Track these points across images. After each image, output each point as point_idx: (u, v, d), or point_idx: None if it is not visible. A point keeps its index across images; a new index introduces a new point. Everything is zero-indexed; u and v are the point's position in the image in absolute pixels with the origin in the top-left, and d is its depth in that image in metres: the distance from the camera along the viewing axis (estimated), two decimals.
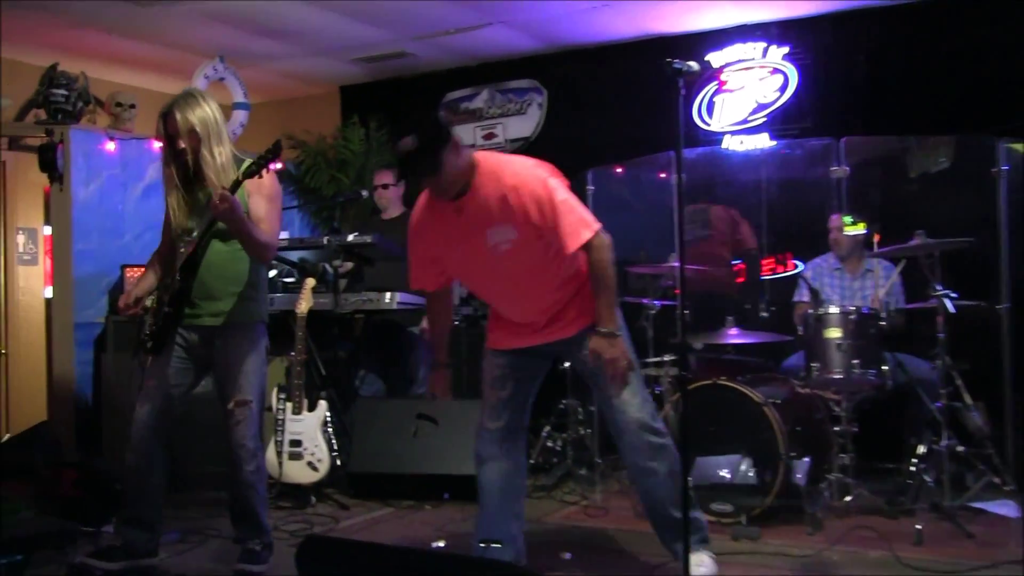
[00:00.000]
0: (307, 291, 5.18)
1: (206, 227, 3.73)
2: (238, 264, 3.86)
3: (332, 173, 7.58)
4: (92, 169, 6.18)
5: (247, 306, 3.87)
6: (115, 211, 6.31)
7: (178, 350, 3.87)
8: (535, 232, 3.33)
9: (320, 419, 5.22)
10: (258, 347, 3.90)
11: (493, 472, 3.63)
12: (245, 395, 3.82)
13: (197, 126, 3.74)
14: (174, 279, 3.81)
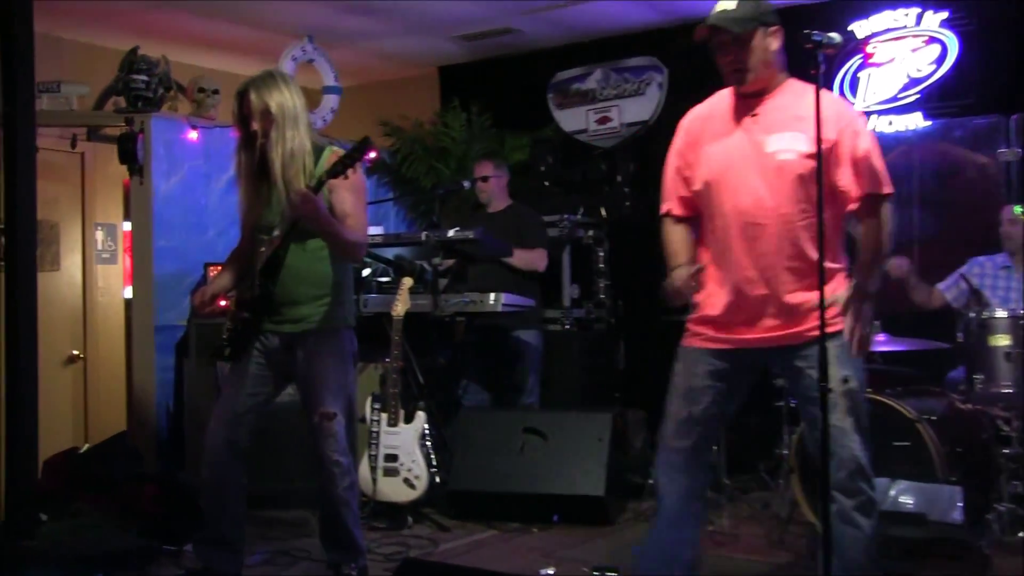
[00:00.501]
0: (404, 292, 5.20)
1: (288, 228, 3.76)
2: (320, 265, 3.89)
3: (430, 162, 7.61)
4: (174, 160, 6.31)
5: (331, 311, 3.90)
6: (198, 205, 6.43)
7: (257, 356, 3.92)
8: (823, 159, 3.12)
9: (418, 432, 5.24)
10: (343, 355, 3.92)
11: (673, 498, 3.41)
12: (329, 408, 3.86)
13: (272, 108, 3.78)
14: (253, 283, 3.85)
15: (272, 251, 3.80)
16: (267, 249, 3.83)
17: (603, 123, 7.24)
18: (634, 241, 6.94)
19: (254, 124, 3.79)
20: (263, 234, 3.90)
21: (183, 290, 6.28)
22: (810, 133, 3.11)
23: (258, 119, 3.79)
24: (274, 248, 3.80)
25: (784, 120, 3.23)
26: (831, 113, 3.16)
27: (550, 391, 6.38)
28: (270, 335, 3.91)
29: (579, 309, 6.58)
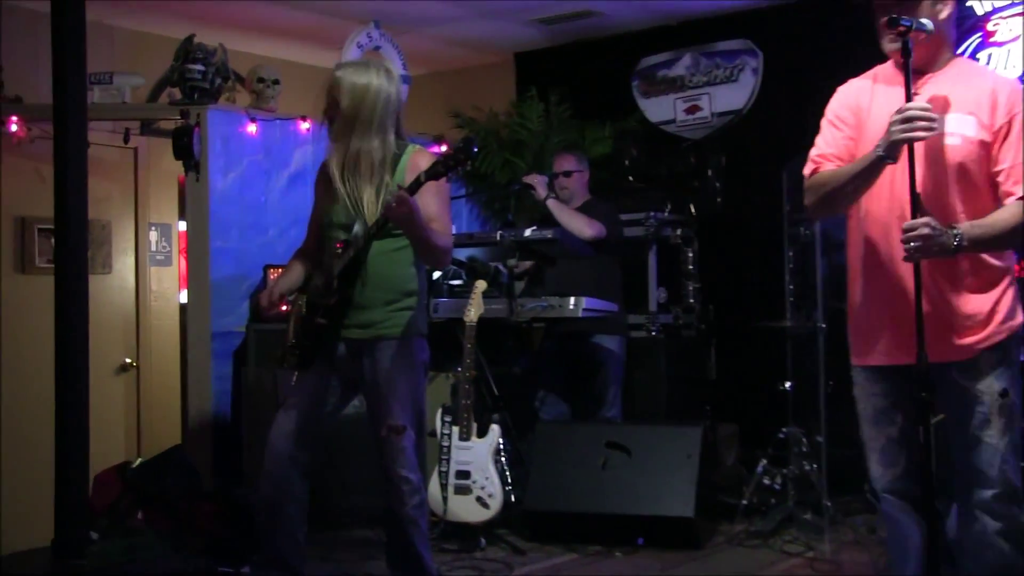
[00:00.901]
0: (477, 296, 5.21)
1: (375, 229, 3.79)
2: (396, 267, 3.92)
3: (506, 156, 7.61)
4: (231, 155, 6.37)
5: (403, 317, 3.92)
6: (257, 203, 6.49)
7: (323, 365, 3.95)
8: (986, 147, 3.09)
9: (492, 447, 5.24)
10: (414, 365, 3.94)
11: (905, 532, 3.24)
12: (398, 420, 3.88)
13: (367, 97, 3.83)
14: (330, 288, 3.88)
15: (354, 253, 3.83)
16: (346, 250, 3.86)
17: (692, 112, 7.19)
18: (726, 240, 6.89)
19: (342, 112, 3.85)
20: (337, 233, 3.94)
21: (241, 294, 6.34)
22: (981, 116, 3.04)
23: (347, 107, 3.84)
24: (356, 250, 3.83)
25: (952, 101, 3.13)
26: (1005, 95, 3.09)
27: (634, 403, 6.35)
28: (336, 341, 3.94)
29: (666, 314, 6.53)
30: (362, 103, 3.84)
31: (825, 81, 6.30)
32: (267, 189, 6.55)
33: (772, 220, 5.92)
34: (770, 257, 6.09)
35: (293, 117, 6.68)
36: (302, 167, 6.65)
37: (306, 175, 6.61)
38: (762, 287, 6.47)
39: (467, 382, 5.19)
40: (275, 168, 6.58)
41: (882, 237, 3.18)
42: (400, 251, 3.90)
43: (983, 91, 3.11)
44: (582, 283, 5.85)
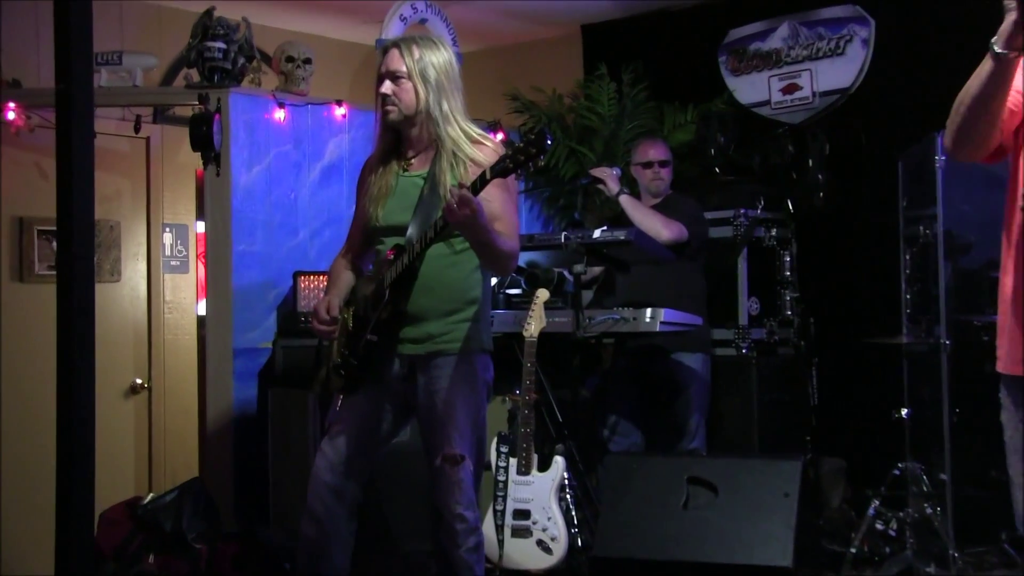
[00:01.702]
0: (538, 307, 5.20)
1: (435, 233, 3.80)
2: (456, 273, 3.94)
3: (571, 145, 7.61)
4: (257, 146, 6.42)
5: (464, 329, 3.94)
6: (286, 201, 6.55)
7: (372, 386, 3.97)
8: None
9: (555, 483, 5.23)
10: (476, 384, 3.95)
11: None
12: (455, 449, 3.88)
13: (430, 71, 3.87)
14: (381, 298, 3.89)
15: (409, 260, 3.84)
16: (399, 257, 3.87)
17: (790, 92, 7.13)
18: (830, 242, 6.84)
19: (396, 88, 3.88)
20: (388, 236, 3.96)
21: (268, 305, 6.40)
22: None
23: (411, 84, 3.88)
24: (411, 257, 3.84)
25: None
26: None
27: (721, 432, 6.32)
28: (389, 358, 3.96)
29: (759, 329, 6.49)
30: (435, 73, 3.88)
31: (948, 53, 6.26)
32: (298, 184, 6.61)
33: (885, 218, 5.88)
34: (883, 261, 6.04)
35: (327, 101, 6.73)
36: (337, 159, 6.69)
37: (341, 168, 6.65)
38: (873, 296, 6.42)
39: (527, 407, 5.18)
40: (307, 160, 6.63)
41: None
42: (461, 254, 3.92)
43: None
44: (660, 292, 5.85)
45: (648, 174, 6.19)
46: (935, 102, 5.91)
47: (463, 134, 3.92)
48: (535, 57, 8.35)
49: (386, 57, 3.93)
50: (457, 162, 3.88)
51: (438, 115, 3.89)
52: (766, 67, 7.25)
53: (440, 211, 3.73)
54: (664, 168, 6.20)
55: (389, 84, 3.89)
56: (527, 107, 7.81)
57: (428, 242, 3.80)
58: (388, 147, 4.03)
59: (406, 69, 3.87)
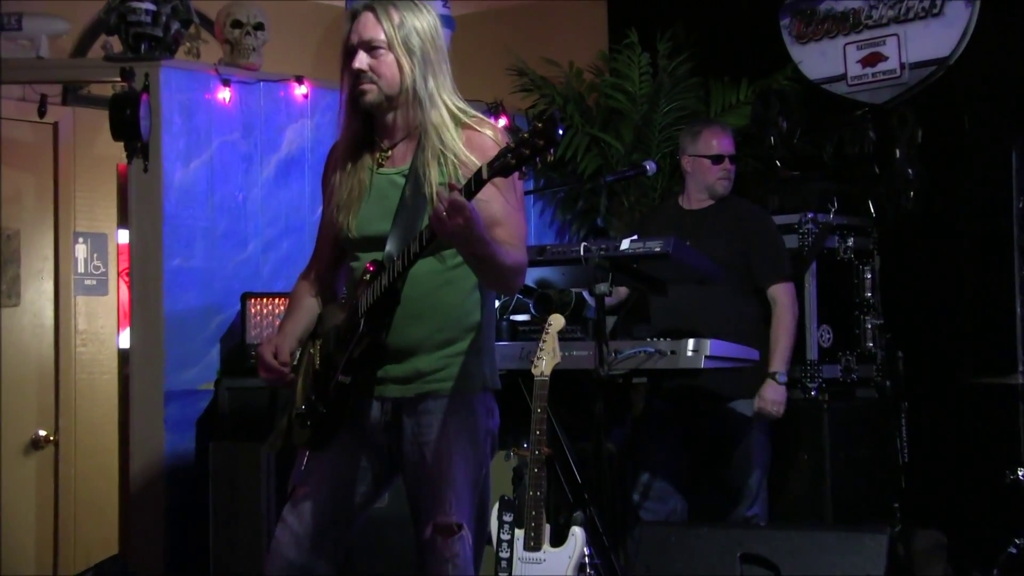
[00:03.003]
0: (551, 338, 5.16)
1: (419, 248, 3.74)
2: (449, 294, 3.91)
3: (593, 133, 7.63)
4: (196, 134, 6.43)
5: (462, 364, 3.92)
6: (233, 204, 6.57)
7: (349, 438, 3.94)
8: None
9: (572, 560, 5.19)
10: (477, 435, 3.93)
11: None
12: (451, 516, 3.85)
13: (414, 39, 3.84)
14: (355, 330, 3.85)
15: (389, 281, 3.79)
16: (378, 276, 3.83)
17: (872, 64, 7.14)
18: (923, 255, 6.81)
19: (372, 61, 3.83)
20: (364, 249, 3.92)
21: (209, 336, 6.42)
22: None
23: (391, 56, 3.83)
24: (392, 277, 3.78)
25: None
26: None
27: (785, 497, 6.31)
28: (367, 402, 3.93)
29: (832, 365, 6.48)
30: (419, 42, 3.83)
31: None
32: (247, 183, 6.63)
33: (995, 222, 5.86)
34: (992, 278, 6.03)
35: (284, 78, 6.76)
36: (297, 151, 6.70)
37: (303, 162, 6.67)
38: (980, 324, 6.40)
39: (537, 464, 5.13)
40: (259, 152, 6.66)
41: None
42: (456, 269, 3.88)
43: None
44: (706, 319, 5.88)
45: (716, 171, 6.22)
46: None
47: (451, 118, 3.88)
48: (548, 21, 8.39)
49: (357, 23, 3.87)
50: (445, 155, 3.84)
51: (424, 95, 3.85)
52: (841, 32, 7.26)
53: (427, 218, 3.69)
54: (734, 164, 6.23)
55: (364, 57, 3.83)
56: (537, 85, 7.83)
57: (412, 258, 3.74)
58: (358, 136, 3.98)
59: (385, 38, 3.82)
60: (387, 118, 3.91)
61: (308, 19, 8.01)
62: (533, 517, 5.17)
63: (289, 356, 3.96)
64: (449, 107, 3.87)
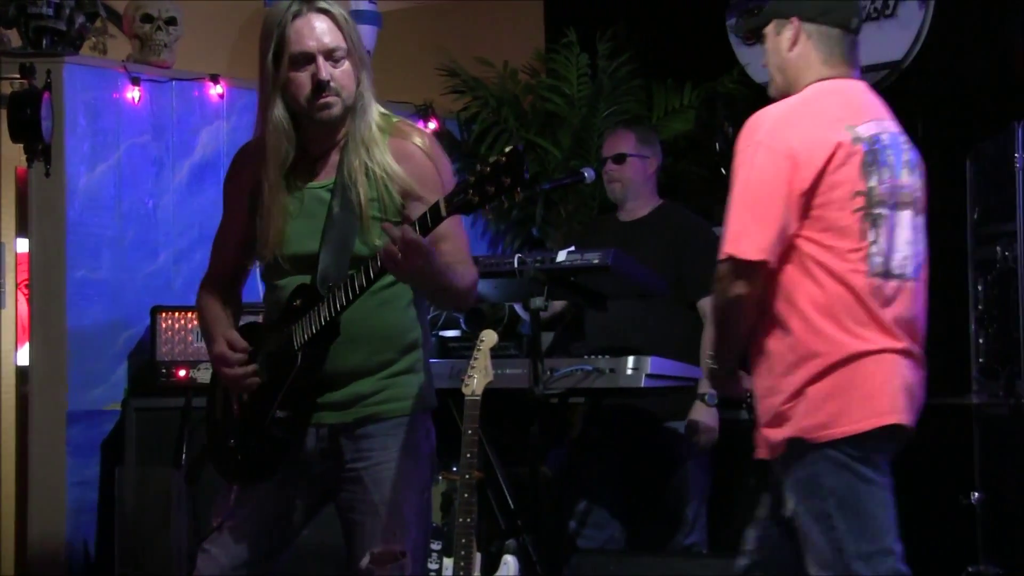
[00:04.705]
0: (483, 355, 5.15)
1: (365, 282, 3.68)
2: (387, 315, 3.90)
3: (528, 137, 7.63)
4: (103, 136, 6.40)
5: (403, 385, 3.91)
6: (142, 211, 6.55)
7: (282, 468, 3.90)
8: None
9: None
10: (419, 458, 3.94)
11: None
12: (394, 543, 3.84)
13: (362, 46, 3.85)
14: (292, 364, 3.81)
15: (332, 315, 3.73)
16: (314, 308, 3.77)
17: None
18: None
19: (341, 79, 3.78)
20: (292, 271, 3.88)
21: (117, 352, 6.39)
22: None
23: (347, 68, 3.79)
24: (335, 311, 3.72)
25: None
26: None
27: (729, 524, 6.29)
28: (302, 430, 3.89)
29: None
30: (355, 47, 3.81)
31: None
32: (158, 189, 6.60)
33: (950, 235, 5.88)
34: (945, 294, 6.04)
35: (199, 77, 6.74)
36: (212, 154, 6.69)
37: (218, 166, 6.65)
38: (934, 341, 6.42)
39: (468, 489, 5.12)
40: (171, 156, 6.64)
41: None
42: (391, 288, 3.85)
43: None
44: (647, 335, 5.89)
45: (606, 172, 6.25)
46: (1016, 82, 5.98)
47: (376, 126, 3.86)
48: (481, 19, 8.39)
49: (309, 27, 3.78)
50: (371, 167, 3.80)
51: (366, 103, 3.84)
52: None
53: (367, 245, 3.73)
54: (619, 166, 6.20)
55: (328, 67, 3.79)
56: (470, 86, 7.84)
57: (358, 292, 3.69)
58: (286, 146, 3.88)
59: (347, 45, 3.79)
60: (322, 130, 3.86)
61: (224, 14, 7.96)
62: (463, 545, 5.15)
63: (246, 344, 3.87)
64: (375, 115, 3.85)
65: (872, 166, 3.89)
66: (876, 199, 3.86)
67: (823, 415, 3.80)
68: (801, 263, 3.83)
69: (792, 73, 4.04)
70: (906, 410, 3.90)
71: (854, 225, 3.82)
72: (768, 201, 3.80)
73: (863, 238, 3.82)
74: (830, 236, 3.81)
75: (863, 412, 3.80)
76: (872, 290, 3.80)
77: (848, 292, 3.79)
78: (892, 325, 3.84)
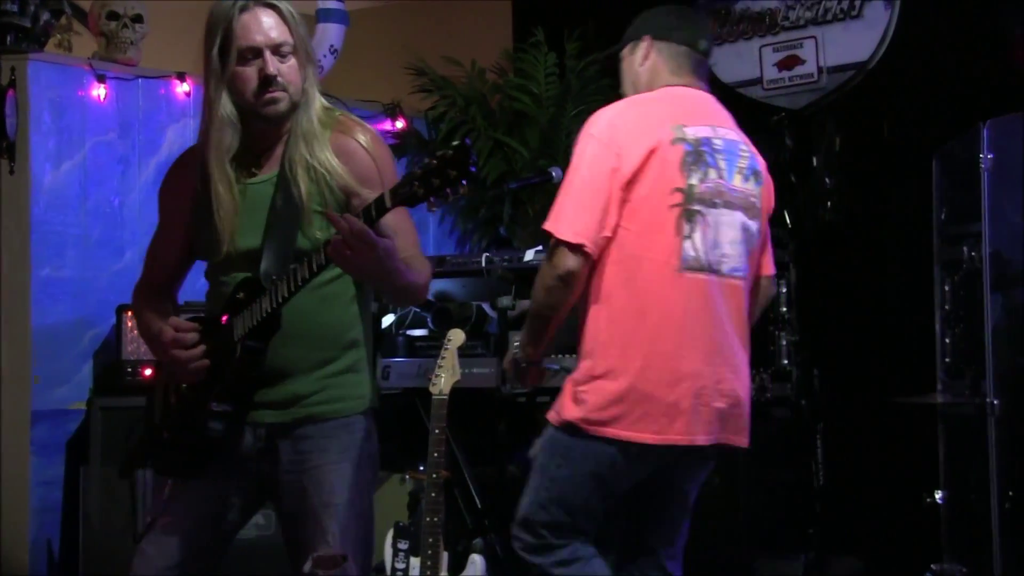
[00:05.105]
0: (451, 354, 5.17)
1: (308, 274, 3.65)
2: (328, 311, 3.89)
3: (496, 137, 7.63)
4: (68, 133, 6.38)
5: (343, 384, 3.90)
6: (108, 209, 6.53)
7: (218, 465, 3.88)
8: None
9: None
10: (360, 460, 3.90)
11: None
12: (333, 546, 3.81)
13: (308, 41, 3.84)
14: (231, 356, 3.79)
15: (273, 308, 3.70)
16: (255, 301, 3.74)
17: (789, 67, 7.19)
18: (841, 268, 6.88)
19: (288, 74, 3.78)
20: (235, 266, 3.85)
21: (81, 351, 6.36)
22: None
23: (294, 64, 3.80)
24: (276, 303, 3.69)
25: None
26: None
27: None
28: (239, 429, 3.87)
29: None
30: (301, 42, 3.81)
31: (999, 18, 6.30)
32: (124, 187, 6.59)
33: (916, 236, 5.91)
34: (913, 294, 6.08)
35: (165, 75, 6.72)
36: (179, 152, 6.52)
37: None
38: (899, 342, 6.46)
39: (435, 488, 5.14)
40: (137, 154, 6.62)
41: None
42: (333, 284, 3.85)
43: None
44: None
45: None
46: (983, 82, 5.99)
47: (318, 121, 3.85)
48: (449, 18, 8.38)
49: (256, 21, 3.78)
50: (311, 163, 3.79)
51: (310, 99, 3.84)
52: (757, 33, 7.31)
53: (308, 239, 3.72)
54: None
55: (276, 61, 3.79)
56: (438, 85, 7.83)
57: (300, 284, 3.65)
58: (228, 142, 3.87)
59: (294, 40, 3.79)
60: (266, 125, 3.85)
61: (191, 11, 7.84)
62: (430, 544, 5.17)
63: (194, 326, 3.81)
64: (318, 110, 3.85)
65: (694, 165, 4.20)
66: (695, 196, 4.19)
67: None
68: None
69: (644, 82, 4.50)
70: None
71: (670, 219, 4.15)
72: (592, 190, 4.14)
73: (678, 232, 4.15)
74: (646, 228, 4.15)
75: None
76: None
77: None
78: None
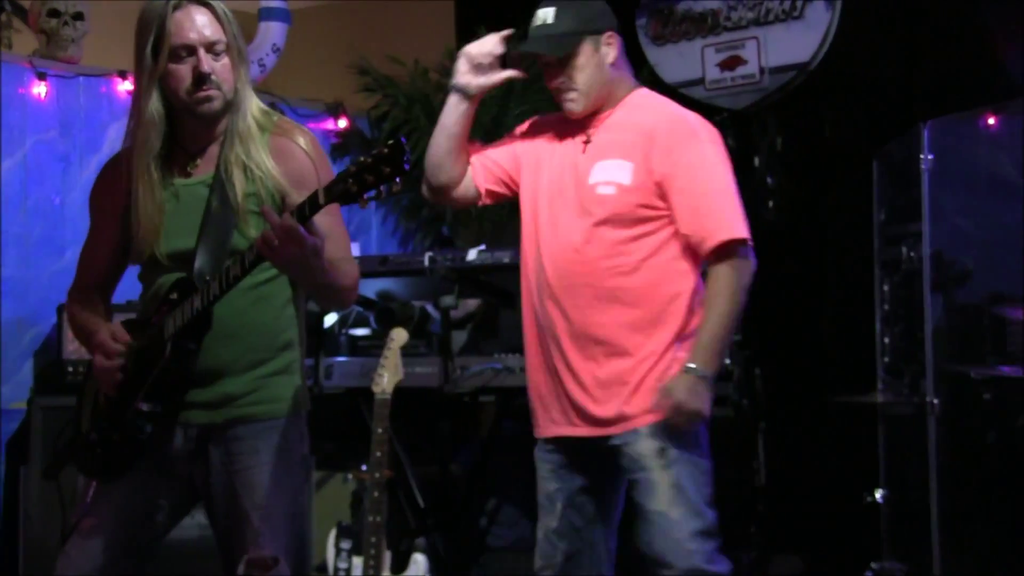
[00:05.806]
0: (393, 354, 5.19)
1: (240, 271, 3.65)
2: (261, 312, 3.88)
3: None
4: (8, 132, 6.35)
5: (275, 386, 3.90)
6: (48, 208, 6.52)
7: (145, 466, 3.86)
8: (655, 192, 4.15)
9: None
10: (291, 461, 3.91)
11: None
12: (264, 548, 3.81)
13: (241, 39, 3.81)
14: (160, 355, 3.76)
15: (204, 305, 3.70)
16: (187, 299, 3.72)
17: (731, 67, 7.22)
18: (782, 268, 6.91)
19: (221, 73, 3.77)
20: (168, 267, 3.83)
21: (22, 350, 6.35)
22: (636, 158, 4.14)
23: (226, 62, 3.78)
24: (208, 301, 3.68)
25: (611, 147, 4.24)
26: (663, 137, 4.15)
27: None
28: (170, 429, 3.85)
29: None
30: (235, 41, 3.79)
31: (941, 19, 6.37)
32: (65, 186, 6.57)
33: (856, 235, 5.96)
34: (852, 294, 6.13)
35: (107, 73, 6.70)
36: None
37: None
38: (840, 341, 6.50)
39: (377, 487, 5.15)
40: (78, 153, 6.61)
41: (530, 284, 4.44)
42: (268, 284, 3.85)
43: (640, 133, 4.22)
44: None
45: None
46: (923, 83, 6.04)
47: (255, 123, 3.84)
48: (392, 17, 8.36)
49: (189, 19, 3.76)
50: (248, 165, 3.79)
51: (244, 98, 3.83)
52: (699, 34, 7.32)
53: (244, 239, 3.71)
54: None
55: (209, 60, 3.77)
56: (381, 84, 7.82)
57: (232, 282, 3.65)
58: (159, 142, 3.85)
59: (227, 39, 3.78)
60: (198, 124, 3.84)
61: (133, 9, 7.71)
62: (373, 544, 5.18)
63: (129, 337, 3.79)
64: (253, 110, 3.84)
65: None
66: None
67: None
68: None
69: (615, 85, 4.36)
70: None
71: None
72: (736, 191, 4.27)
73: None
74: None
75: None
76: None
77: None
78: None
